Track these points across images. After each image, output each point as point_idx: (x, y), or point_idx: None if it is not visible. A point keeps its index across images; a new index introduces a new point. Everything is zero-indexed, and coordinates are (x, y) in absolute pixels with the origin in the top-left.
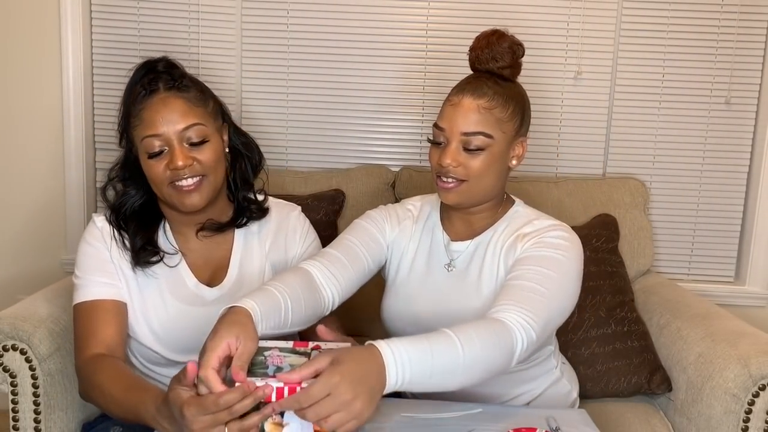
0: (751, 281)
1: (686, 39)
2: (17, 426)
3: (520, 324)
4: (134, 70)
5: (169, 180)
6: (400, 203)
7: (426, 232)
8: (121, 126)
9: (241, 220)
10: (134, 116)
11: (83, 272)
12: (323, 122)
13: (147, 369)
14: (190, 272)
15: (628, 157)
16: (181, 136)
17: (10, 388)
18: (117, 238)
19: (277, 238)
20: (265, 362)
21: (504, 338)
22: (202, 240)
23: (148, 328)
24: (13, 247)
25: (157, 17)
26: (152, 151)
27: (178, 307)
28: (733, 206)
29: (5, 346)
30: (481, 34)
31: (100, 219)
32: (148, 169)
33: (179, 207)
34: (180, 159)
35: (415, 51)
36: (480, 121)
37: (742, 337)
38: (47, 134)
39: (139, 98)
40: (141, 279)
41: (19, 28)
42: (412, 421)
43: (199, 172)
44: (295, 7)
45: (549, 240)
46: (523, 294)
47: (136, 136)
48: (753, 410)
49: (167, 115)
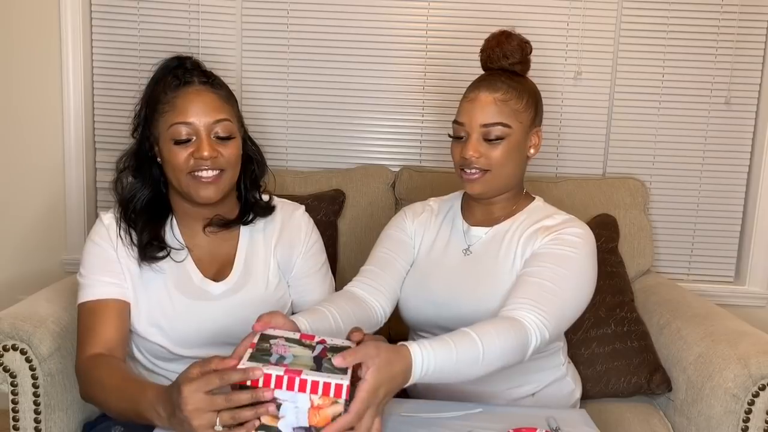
0: (751, 281)
1: (686, 39)
2: (17, 426)
3: (536, 324)
4: (162, 63)
5: (190, 169)
6: (421, 202)
7: (447, 221)
8: (140, 114)
9: (248, 216)
10: (164, 103)
11: (88, 271)
12: (323, 122)
13: (152, 364)
14: (196, 267)
15: (628, 157)
16: (209, 128)
17: (10, 388)
18: (123, 236)
19: (282, 235)
20: (270, 350)
21: (520, 338)
22: (208, 236)
23: (154, 323)
24: (14, 247)
25: (157, 17)
26: (179, 138)
27: (184, 301)
28: (733, 206)
29: (5, 346)
30: (490, 36)
31: (108, 216)
32: (171, 155)
33: (194, 197)
34: (206, 149)
35: (415, 51)
36: (497, 112)
37: (742, 337)
38: (47, 134)
39: (172, 86)
40: (147, 274)
41: (19, 28)
42: (412, 420)
43: (220, 166)
44: (295, 7)
45: (567, 237)
46: (541, 294)
47: (163, 122)
48: (753, 410)
49: (200, 106)
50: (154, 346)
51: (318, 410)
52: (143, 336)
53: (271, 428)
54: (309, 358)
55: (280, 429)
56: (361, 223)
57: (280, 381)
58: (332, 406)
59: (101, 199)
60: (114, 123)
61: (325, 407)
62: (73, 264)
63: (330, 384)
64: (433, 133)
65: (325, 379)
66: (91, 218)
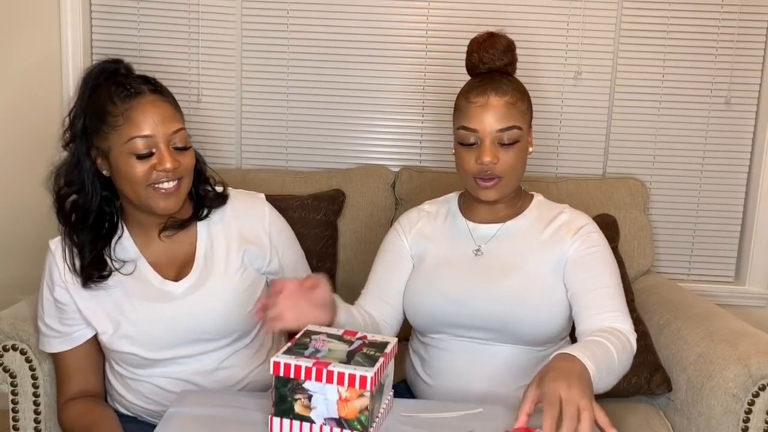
0: (751, 281)
1: (686, 39)
2: (17, 426)
3: (631, 331)
4: (93, 70)
5: (150, 182)
6: (416, 209)
7: (448, 222)
8: (76, 125)
9: (202, 211)
10: (116, 115)
11: (42, 320)
12: (323, 122)
13: (131, 373)
14: (154, 271)
15: (628, 157)
16: (168, 140)
17: (10, 388)
18: (68, 262)
19: (244, 223)
20: (308, 345)
21: (629, 346)
22: (164, 240)
23: (122, 334)
24: (13, 247)
25: (157, 17)
26: (140, 153)
27: (147, 305)
28: (733, 206)
29: (5, 346)
30: (477, 38)
31: (54, 242)
32: (128, 169)
33: (154, 209)
34: (169, 162)
35: (415, 51)
36: (510, 115)
37: (742, 337)
38: (47, 134)
39: (121, 96)
40: (102, 291)
41: (19, 27)
42: (412, 420)
43: (179, 175)
44: (295, 7)
45: (594, 237)
46: (615, 301)
47: (116, 135)
48: (753, 410)
49: (157, 118)
50: (127, 356)
51: (346, 402)
52: (115, 349)
53: (304, 417)
54: (343, 352)
55: (313, 419)
56: (361, 223)
57: (309, 372)
58: (359, 399)
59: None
60: None
61: (352, 399)
62: None
63: (355, 375)
64: (433, 133)
65: (350, 370)
66: None
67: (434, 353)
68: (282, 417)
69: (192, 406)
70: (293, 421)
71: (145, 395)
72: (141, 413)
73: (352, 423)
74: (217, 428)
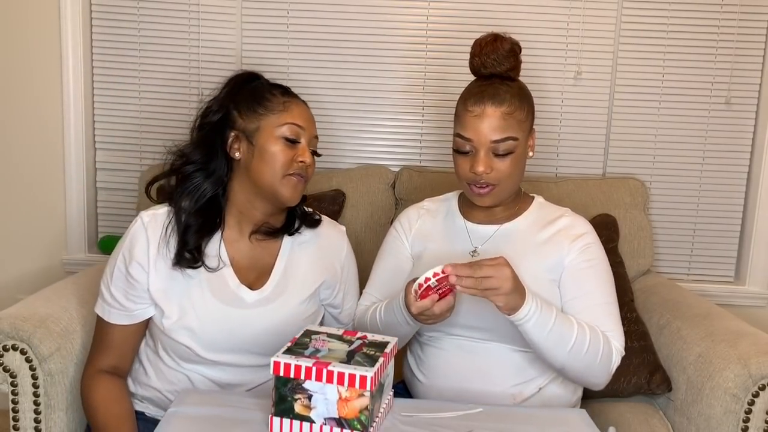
0: (751, 281)
1: (686, 39)
2: (17, 426)
3: (619, 348)
4: (242, 74)
5: (292, 171)
6: (415, 207)
7: (447, 220)
8: (216, 112)
9: (293, 226)
10: (274, 103)
11: (107, 287)
12: (323, 122)
13: (176, 364)
14: (234, 273)
15: (628, 157)
16: (310, 139)
17: (10, 388)
18: (163, 235)
19: (325, 254)
20: (308, 345)
21: (607, 350)
22: (252, 243)
23: (184, 325)
24: (14, 247)
25: (157, 17)
26: (291, 137)
27: (218, 306)
28: (733, 206)
29: (5, 346)
30: (480, 40)
31: (148, 214)
32: (275, 152)
33: (281, 196)
34: (308, 157)
35: (415, 51)
36: (506, 126)
37: (742, 337)
38: (47, 134)
39: (281, 92)
40: (185, 275)
41: (19, 28)
42: (412, 420)
43: (310, 175)
44: (295, 7)
45: (593, 250)
46: (610, 319)
47: (272, 118)
48: (753, 410)
49: (308, 118)
50: (181, 347)
51: (346, 402)
52: (171, 337)
53: (304, 417)
54: (343, 352)
55: (313, 419)
56: (361, 223)
57: (309, 372)
58: (359, 399)
59: (101, 199)
60: (114, 123)
61: (352, 399)
62: (73, 264)
63: (355, 375)
64: (433, 133)
65: (350, 370)
66: (91, 218)
67: (429, 352)
68: (282, 417)
69: (192, 406)
70: (293, 420)
71: (173, 383)
72: (151, 404)
73: (352, 423)
74: (217, 428)
